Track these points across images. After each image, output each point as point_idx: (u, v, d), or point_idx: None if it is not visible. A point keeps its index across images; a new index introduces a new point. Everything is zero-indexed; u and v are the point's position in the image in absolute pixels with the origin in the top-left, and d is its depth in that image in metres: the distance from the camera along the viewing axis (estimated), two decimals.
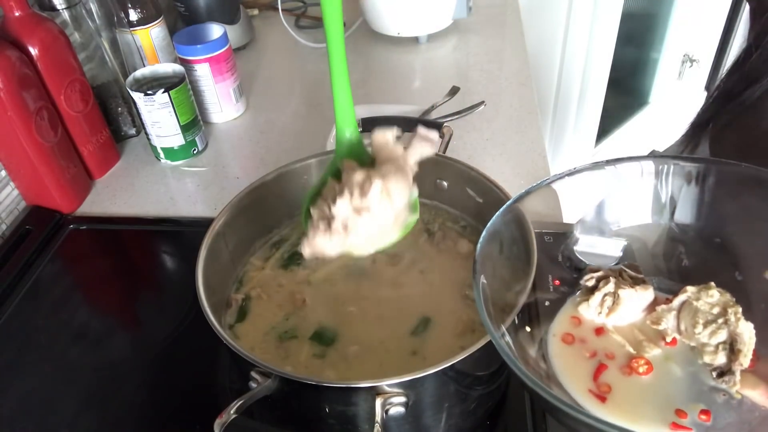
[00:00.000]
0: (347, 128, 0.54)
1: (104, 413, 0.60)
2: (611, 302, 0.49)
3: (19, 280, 0.73)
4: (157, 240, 0.81)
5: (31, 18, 0.74)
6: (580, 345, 0.48)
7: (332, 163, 0.55)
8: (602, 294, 0.50)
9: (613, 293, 0.49)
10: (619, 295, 0.49)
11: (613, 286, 0.49)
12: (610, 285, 0.50)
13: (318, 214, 0.51)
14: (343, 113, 0.54)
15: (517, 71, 1.05)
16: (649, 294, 0.49)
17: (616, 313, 0.49)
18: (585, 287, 0.52)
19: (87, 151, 0.85)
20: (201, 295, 0.51)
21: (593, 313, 0.50)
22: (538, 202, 0.52)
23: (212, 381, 0.62)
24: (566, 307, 0.51)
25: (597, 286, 0.51)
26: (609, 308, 0.49)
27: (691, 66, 2.15)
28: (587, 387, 0.44)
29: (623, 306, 0.49)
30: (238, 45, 1.14)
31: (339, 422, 0.49)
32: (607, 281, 0.50)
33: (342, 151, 0.54)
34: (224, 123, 0.99)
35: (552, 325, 0.50)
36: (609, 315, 0.49)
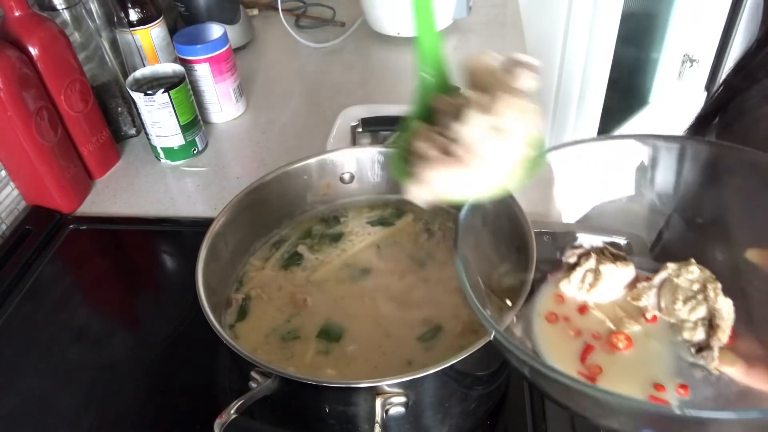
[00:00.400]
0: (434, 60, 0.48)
1: (104, 413, 0.60)
2: (592, 278, 0.49)
3: (19, 280, 0.73)
4: (157, 240, 0.81)
5: (31, 18, 0.74)
6: (564, 324, 0.48)
7: (416, 110, 0.48)
8: (583, 270, 0.50)
9: (594, 269, 0.49)
10: (600, 271, 0.49)
11: (594, 263, 0.50)
12: (591, 261, 0.50)
13: (427, 145, 0.43)
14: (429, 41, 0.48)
15: None
16: (630, 271, 0.50)
17: (596, 289, 0.49)
18: (566, 264, 0.52)
19: (87, 151, 0.85)
20: (201, 295, 0.51)
21: (574, 290, 0.50)
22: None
23: (212, 381, 0.62)
24: (548, 285, 0.51)
25: (578, 263, 0.51)
26: (590, 284, 0.49)
27: (691, 66, 2.15)
28: (576, 369, 0.45)
29: (604, 282, 0.49)
30: (238, 45, 1.14)
31: (339, 422, 0.49)
32: (588, 257, 0.50)
33: (427, 89, 0.49)
34: (224, 123, 0.99)
35: (535, 305, 0.50)
36: (590, 291, 0.49)
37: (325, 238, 0.66)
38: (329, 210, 0.68)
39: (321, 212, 0.68)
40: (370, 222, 0.67)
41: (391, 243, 0.65)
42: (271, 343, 0.56)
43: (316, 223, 0.67)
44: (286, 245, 0.65)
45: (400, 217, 0.68)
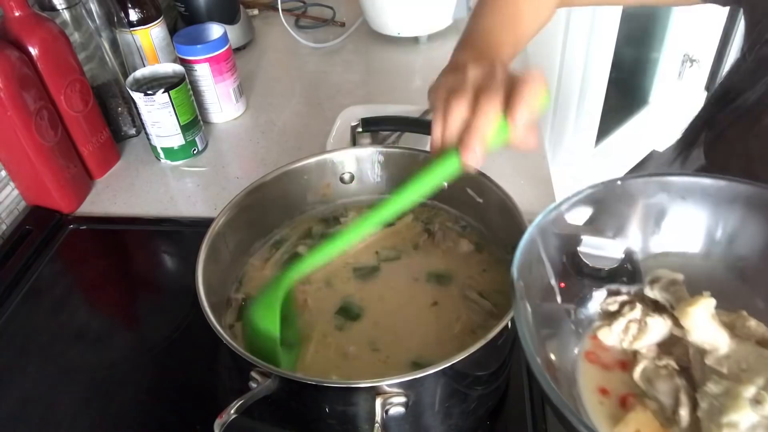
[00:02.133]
0: None
1: (104, 413, 0.60)
2: (636, 330, 0.46)
3: (19, 280, 0.73)
4: (157, 240, 0.81)
5: (31, 18, 0.74)
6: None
7: None
8: (627, 320, 0.47)
9: (639, 320, 0.46)
10: (647, 323, 0.46)
11: (639, 313, 0.47)
12: (636, 311, 0.47)
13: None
14: None
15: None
16: (669, 323, 0.47)
17: (640, 341, 0.46)
18: (605, 311, 0.49)
19: (87, 151, 0.85)
20: (201, 295, 0.51)
21: (615, 340, 0.47)
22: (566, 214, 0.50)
23: (212, 381, 0.62)
24: (586, 332, 0.49)
25: (620, 311, 0.48)
26: (634, 336, 0.46)
27: (691, 66, 2.15)
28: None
29: (650, 334, 0.46)
30: (238, 45, 1.14)
31: (339, 422, 0.49)
32: (632, 306, 0.47)
33: None
34: (224, 123, 0.99)
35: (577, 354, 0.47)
36: (633, 343, 0.46)
37: (325, 238, 0.66)
38: (329, 210, 0.68)
39: (321, 212, 0.68)
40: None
41: (390, 244, 0.65)
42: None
43: (316, 223, 0.67)
44: (285, 245, 0.65)
45: (400, 217, 0.68)
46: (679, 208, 0.50)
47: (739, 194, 0.48)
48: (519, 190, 0.79)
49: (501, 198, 0.59)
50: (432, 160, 0.49)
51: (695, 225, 0.50)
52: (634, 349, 0.47)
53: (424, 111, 0.90)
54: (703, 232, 0.50)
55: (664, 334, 0.47)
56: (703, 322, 0.43)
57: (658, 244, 0.51)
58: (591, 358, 0.48)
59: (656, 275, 0.48)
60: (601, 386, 0.46)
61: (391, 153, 0.67)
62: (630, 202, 0.51)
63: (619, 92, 2.02)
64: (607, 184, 0.49)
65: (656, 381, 0.44)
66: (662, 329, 0.46)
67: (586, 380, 0.46)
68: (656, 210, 0.51)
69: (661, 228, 0.51)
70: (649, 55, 2.16)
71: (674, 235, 0.51)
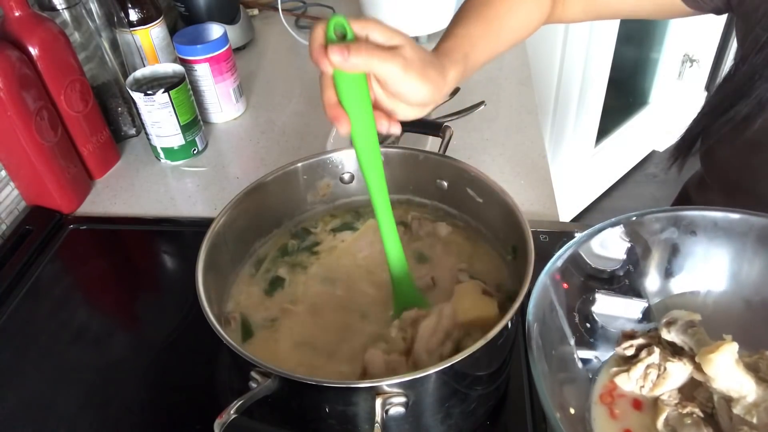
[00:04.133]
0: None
1: (104, 413, 0.60)
2: (655, 375, 0.45)
3: (19, 280, 0.72)
4: (157, 240, 0.81)
5: (31, 18, 0.74)
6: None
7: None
8: (645, 365, 0.45)
9: (659, 365, 0.45)
10: (666, 368, 0.44)
11: (658, 357, 0.45)
12: (654, 356, 0.45)
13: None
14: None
15: (517, 71, 1.05)
16: (688, 368, 0.45)
17: (661, 387, 0.45)
18: (621, 356, 0.47)
19: (87, 151, 0.85)
20: (201, 295, 0.51)
21: (634, 386, 0.46)
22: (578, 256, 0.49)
23: (212, 381, 0.62)
24: (602, 375, 0.48)
25: (637, 355, 0.46)
26: (653, 382, 0.45)
27: (691, 66, 2.15)
28: None
29: (671, 380, 0.44)
30: (238, 45, 1.14)
31: (339, 422, 0.49)
32: (650, 350, 0.46)
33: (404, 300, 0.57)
34: (224, 123, 0.99)
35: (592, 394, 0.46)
36: (654, 390, 0.45)
37: (303, 251, 0.65)
38: (295, 224, 0.68)
39: (289, 228, 0.67)
40: (335, 229, 0.67)
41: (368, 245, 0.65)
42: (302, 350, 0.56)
43: (289, 238, 0.67)
44: (265, 264, 0.64)
45: (359, 219, 0.68)
46: (690, 244, 0.48)
47: (752, 227, 0.47)
48: (519, 190, 0.80)
49: (501, 198, 0.59)
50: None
51: (709, 261, 0.49)
52: (655, 395, 0.45)
53: None
54: (718, 268, 0.49)
55: (685, 378, 0.45)
56: (728, 369, 0.41)
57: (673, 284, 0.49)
58: (606, 401, 0.46)
59: (672, 317, 0.47)
60: (626, 428, 0.45)
61: (391, 153, 0.67)
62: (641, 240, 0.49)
63: (619, 92, 2.02)
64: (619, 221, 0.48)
65: (681, 430, 0.42)
66: (683, 374, 0.45)
67: (604, 426, 0.45)
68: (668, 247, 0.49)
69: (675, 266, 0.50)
70: (649, 55, 2.16)
71: (689, 273, 0.49)
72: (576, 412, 0.45)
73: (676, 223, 0.49)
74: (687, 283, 0.50)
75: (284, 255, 0.65)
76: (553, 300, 0.47)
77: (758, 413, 0.40)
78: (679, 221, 0.49)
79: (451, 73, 0.53)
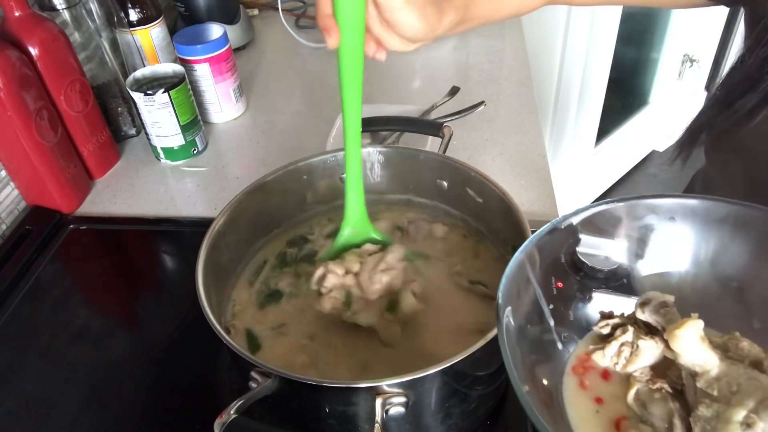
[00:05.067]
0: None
1: (104, 413, 0.60)
2: (629, 353, 0.46)
3: (19, 280, 0.72)
4: (157, 240, 0.81)
5: (31, 18, 0.74)
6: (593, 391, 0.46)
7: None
8: (619, 343, 0.47)
9: (632, 343, 0.46)
10: (639, 346, 0.46)
11: (631, 336, 0.46)
12: (628, 334, 0.47)
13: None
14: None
15: (517, 71, 1.05)
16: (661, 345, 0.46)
17: (634, 364, 0.46)
18: (598, 334, 0.49)
19: (87, 151, 0.85)
20: (201, 295, 0.51)
21: (608, 363, 0.47)
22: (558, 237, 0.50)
23: (212, 381, 0.62)
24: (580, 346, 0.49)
25: (612, 334, 0.48)
26: (627, 359, 0.46)
27: (691, 66, 2.15)
28: None
29: (643, 357, 0.46)
30: (238, 45, 1.14)
31: (339, 422, 0.49)
32: (624, 329, 0.47)
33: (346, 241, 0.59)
34: (224, 123, 0.99)
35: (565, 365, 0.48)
36: (626, 366, 0.46)
37: (302, 261, 0.65)
38: (294, 225, 0.68)
39: (289, 228, 0.67)
40: (330, 235, 0.67)
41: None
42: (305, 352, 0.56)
43: (286, 246, 0.66)
44: (265, 271, 0.64)
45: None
46: (668, 229, 0.50)
47: (729, 214, 0.48)
48: (519, 190, 0.80)
49: (501, 198, 0.59)
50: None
51: (686, 245, 0.50)
52: (628, 372, 0.46)
53: (423, 111, 0.90)
54: (693, 252, 0.50)
55: (657, 356, 0.46)
56: (693, 345, 0.43)
57: (650, 266, 0.51)
58: (577, 372, 0.48)
59: (647, 297, 0.48)
60: (596, 396, 0.46)
61: (391, 153, 0.67)
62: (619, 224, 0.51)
63: (619, 92, 2.02)
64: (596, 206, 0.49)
65: (650, 404, 0.44)
66: (654, 352, 0.46)
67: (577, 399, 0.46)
68: (646, 231, 0.51)
69: (652, 249, 0.51)
70: (649, 55, 2.17)
71: (665, 257, 0.51)
72: (549, 383, 0.46)
73: (655, 209, 0.50)
74: (663, 266, 0.52)
75: (284, 265, 0.65)
76: (530, 278, 0.48)
77: (719, 386, 0.41)
78: (658, 208, 0.50)
79: (449, 17, 0.53)
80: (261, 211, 0.64)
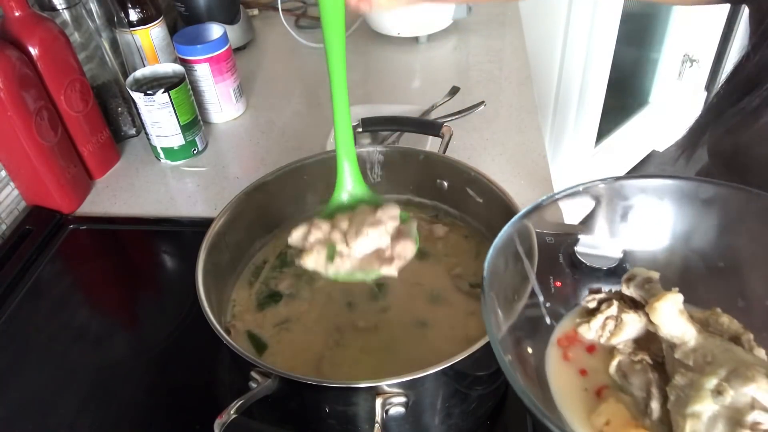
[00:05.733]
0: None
1: (104, 413, 0.60)
2: (613, 326, 0.48)
3: (19, 280, 0.73)
4: (157, 240, 0.81)
5: (31, 18, 0.74)
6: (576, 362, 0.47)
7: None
8: (604, 316, 0.48)
9: (616, 317, 0.48)
10: (623, 319, 0.48)
11: (616, 310, 0.48)
12: (613, 308, 0.48)
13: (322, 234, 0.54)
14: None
15: (517, 71, 1.05)
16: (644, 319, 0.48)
17: (617, 337, 0.48)
18: (585, 308, 0.50)
19: (87, 151, 0.85)
20: (201, 295, 0.51)
21: (593, 335, 0.49)
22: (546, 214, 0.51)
23: (212, 381, 0.62)
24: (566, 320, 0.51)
25: (598, 308, 0.49)
26: (611, 332, 0.48)
27: (691, 66, 2.15)
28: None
29: (626, 330, 0.48)
30: (238, 45, 1.14)
31: (339, 422, 0.49)
32: (609, 304, 0.49)
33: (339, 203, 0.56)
34: (224, 123, 0.99)
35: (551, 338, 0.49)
36: (610, 339, 0.48)
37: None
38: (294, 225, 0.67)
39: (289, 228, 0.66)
40: None
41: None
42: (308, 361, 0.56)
43: (287, 247, 0.65)
44: (261, 277, 0.63)
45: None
46: (654, 209, 0.51)
47: (717, 195, 0.49)
48: (519, 190, 0.80)
49: (501, 198, 0.59)
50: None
51: (671, 225, 0.51)
52: (611, 344, 0.48)
53: (423, 111, 0.90)
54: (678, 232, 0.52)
55: (640, 329, 0.48)
56: (672, 317, 0.45)
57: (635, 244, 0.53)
58: (562, 344, 0.49)
59: (632, 273, 0.50)
60: (580, 368, 0.48)
61: (391, 153, 0.67)
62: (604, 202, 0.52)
63: (619, 92, 2.02)
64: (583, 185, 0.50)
65: (630, 375, 0.46)
66: (637, 325, 0.48)
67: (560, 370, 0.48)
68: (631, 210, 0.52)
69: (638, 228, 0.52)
70: (649, 55, 2.17)
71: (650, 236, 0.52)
72: (534, 352, 0.47)
73: (644, 189, 0.51)
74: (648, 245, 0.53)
75: (284, 266, 0.64)
76: (519, 252, 0.49)
77: (695, 357, 0.43)
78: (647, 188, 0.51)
79: None
80: (261, 211, 0.64)
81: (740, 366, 0.40)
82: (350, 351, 0.56)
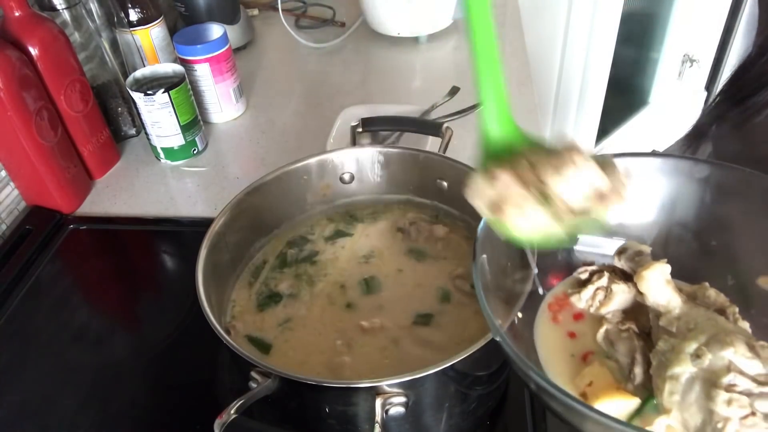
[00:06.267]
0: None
1: (104, 413, 0.60)
2: (603, 296, 0.50)
3: (19, 280, 0.72)
4: (157, 240, 0.81)
5: (31, 18, 0.74)
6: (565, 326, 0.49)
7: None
8: (595, 287, 0.50)
9: (606, 287, 0.50)
10: (612, 290, 0.50)
11: (606, 281, 0.50)
12: (603, 279, 0.50)
13: (521, 184, 0.40)
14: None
15: (517, 71, 1.05)
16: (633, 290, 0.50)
17: (607, 307, 0.50)
18: (577, 279, 0.52)
19: (87, 151, 0.85)
20: (201, 295, 0.51)
21: (584, 305, 0.51)
22: None
23: (212, 381, 0.62)
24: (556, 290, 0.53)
25: (590, 280, 0.51)
26: (600, 302, 0.50)
27: (691, 66, 2.15)
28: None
29: (615, 301, 0.50)
30: (238, 45, 1.14)
31: (339, 422, 0.49)
32: (600, 275, 0.51)
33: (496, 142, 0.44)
34: (224, 123, 0.99)
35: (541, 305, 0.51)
36: (600, 309, 0.50)
37: (303, 262, 0.64)
38: (294, 225, 0.67)
39: (288, 235, 0.67)
40: (329, 238, 0.67)
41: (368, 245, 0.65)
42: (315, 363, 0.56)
43: (287, 247, 0.66)
44: (265, 272, 0.63)
45: (353, 223, 0.68)
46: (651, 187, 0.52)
47: (711, 174, 0.51)
48: None
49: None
50: None
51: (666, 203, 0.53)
52: (601, 314, 0.50)
53: (423, 111, 0.90)
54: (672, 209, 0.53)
55: (628, 300, 0.50)
56: (658, 286, 0.46)
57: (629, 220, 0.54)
58: (552, 309, 0.51)
59: (624, 246, 0.52)
60: (569, 331, 0.50)
61: (391, 153, 0.67)
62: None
63: (619, 92, 2.02)
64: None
65: (617, 342, 0.47)
66: (627, 296, 0.50)
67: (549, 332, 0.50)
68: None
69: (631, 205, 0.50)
70: (649, 55, 2.16)
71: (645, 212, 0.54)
72: (524, 317, 0.49)
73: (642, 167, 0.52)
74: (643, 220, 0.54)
75: (284, 266, 0.64)
76: None
77: (678, 325, 0.44)
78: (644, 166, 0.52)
79: None
80: (261, 211, 0.64)
81: (720, 332, 0.41)
82: (359, 351, 0.56)
